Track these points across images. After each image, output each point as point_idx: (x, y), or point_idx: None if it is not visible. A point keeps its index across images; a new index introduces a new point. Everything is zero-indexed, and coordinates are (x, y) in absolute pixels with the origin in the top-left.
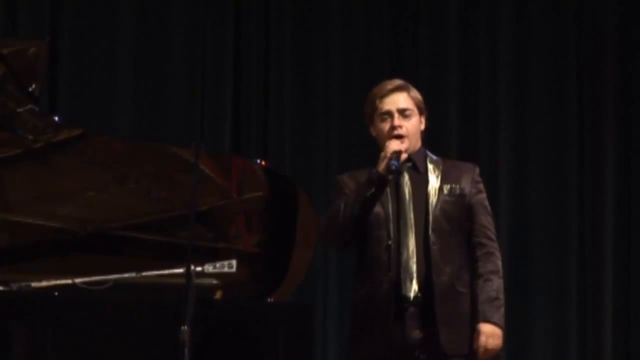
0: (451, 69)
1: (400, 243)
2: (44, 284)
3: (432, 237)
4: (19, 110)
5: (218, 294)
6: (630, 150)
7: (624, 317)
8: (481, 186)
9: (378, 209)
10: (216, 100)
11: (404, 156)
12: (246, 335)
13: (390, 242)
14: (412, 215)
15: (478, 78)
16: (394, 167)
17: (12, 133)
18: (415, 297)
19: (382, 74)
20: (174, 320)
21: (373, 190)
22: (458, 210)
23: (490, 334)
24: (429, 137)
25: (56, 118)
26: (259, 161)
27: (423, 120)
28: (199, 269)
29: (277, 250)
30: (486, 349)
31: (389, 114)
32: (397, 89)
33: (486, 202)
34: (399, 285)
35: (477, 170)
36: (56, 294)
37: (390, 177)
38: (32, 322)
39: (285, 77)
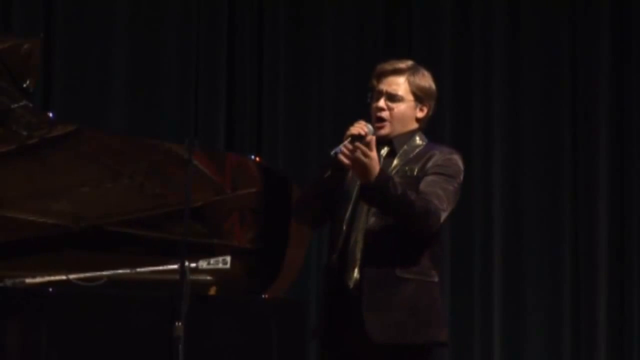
0: (445, 59)
1: (353, 227)
2: (38, 280)
3: (373, 220)
4: (13, 106)
5: (212, 290)
6: (622, 143)
7: (618, 311)
8: (446, 169)
9: (347, 188)
10: (210, 96)
11: (369, 137)
12: (240, 331)
13: (344, 225)
14: None
15: (471, 69)
16: (333, 154)
17: (6, 129)
18: (356, 283)
19: (375, 66)
20: (168, 316)
21: (329, 172)
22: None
23: (373, 160)
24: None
25: (50, 114)
26: (253, 157)
27: (424, 108)
28: (193, 265)
29: (271, 246)
30: (355, 155)
31: (380, 94)
32: (395, 71)
33: (441, 180)
34: (343, 270)
35: (453, 157)
36: (50, 290)
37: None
38: (26, 318)
39: (279, 73)
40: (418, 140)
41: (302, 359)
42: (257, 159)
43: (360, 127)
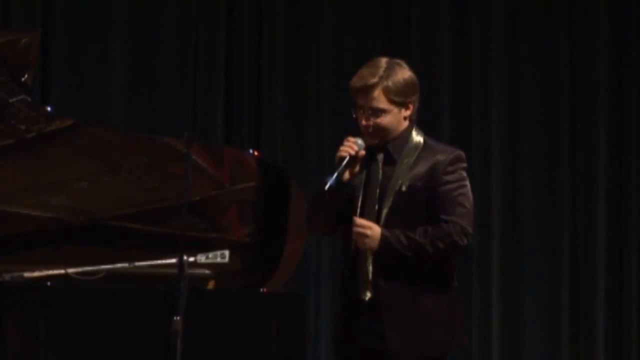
0: (444, 59)
1: None
2: (37, 274)
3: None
4: (11, 100)
5: (210, 285)
6: (622, 143)
7: (617, 311)
8: (455, 176)
9: (357, 196)
10: (208, 91)
11: (361, 153)
12: (239, 325)
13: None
14: (375, 210)
15: (470, 69)
16: (326, 187)
17: (4, 123)
18: (370, 299)
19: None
20: (166, 311)
21: (327, 196)
22: (414, 203)
23: (371, 231)
24: (421, 123)
25: (49, 108)
26: (251, 151)
27: (410, 106)
28: (191, 259)
29: (270, 240)
30: (359, 233)
31: (362, 109)
32: (368, 88)
33: (456, 192)
34: (356, 282)
35: (455, 155)
36: (49, 284)
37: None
38: (24, 312)
39: (278, 68)
40: (415, 138)
41: (301, 352)
42: (256, 153)
43: (350, 147)
